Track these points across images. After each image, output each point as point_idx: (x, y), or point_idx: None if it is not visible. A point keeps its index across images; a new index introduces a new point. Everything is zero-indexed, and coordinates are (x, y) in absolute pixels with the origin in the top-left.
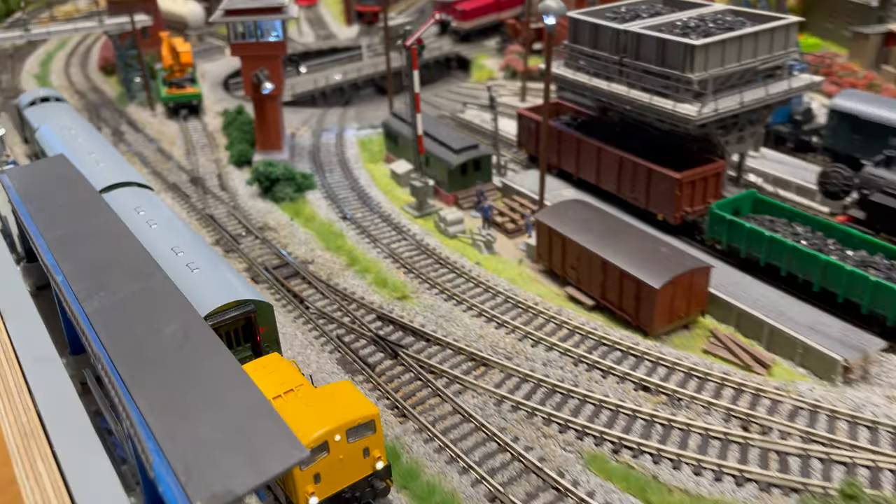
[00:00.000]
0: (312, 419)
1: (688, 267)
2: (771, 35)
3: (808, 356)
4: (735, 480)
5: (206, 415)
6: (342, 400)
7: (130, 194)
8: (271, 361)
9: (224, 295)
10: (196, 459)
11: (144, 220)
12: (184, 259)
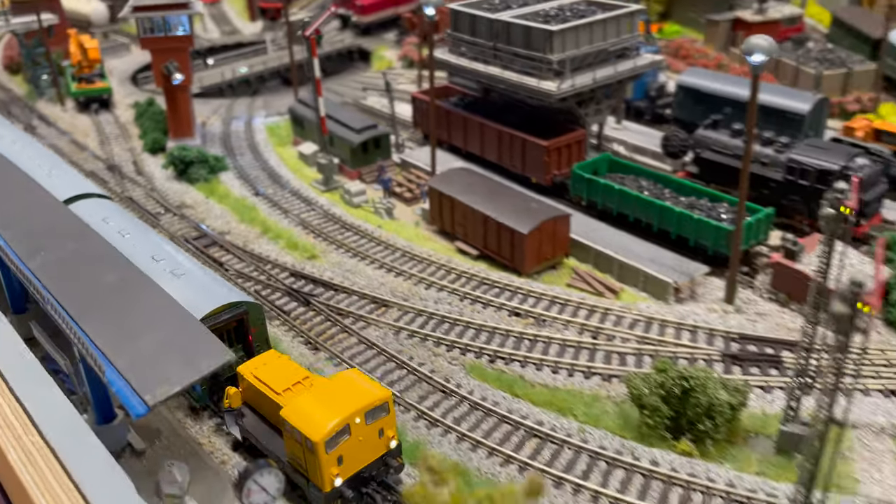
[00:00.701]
0: (333, 405)
1: (550, 215)
2: (617, 21)
3: (648, 282)
4: (584, 374)
5: (146, 335)
6: (355, 386)
7: (94, 205)
8: (270, 358)
9: (216, 299)
10: (141, 366)
11: (116, 231)
12: (166, 266)
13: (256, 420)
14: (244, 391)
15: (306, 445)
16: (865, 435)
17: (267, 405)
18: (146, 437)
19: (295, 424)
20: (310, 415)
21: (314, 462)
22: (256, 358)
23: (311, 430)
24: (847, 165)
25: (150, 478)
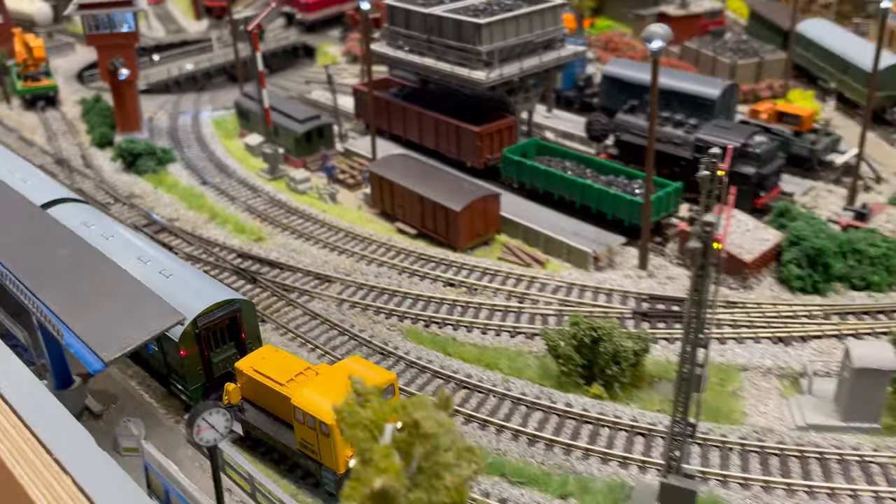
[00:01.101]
0: (343, 390)
1: (481, 194)
2: (542, 15)
3: (571, 253)
4: (509, 334)
5: (100, 302)
6: (361, 371)
7: (73, 210)
8: (268, 353)
9: (209, 297)
10: (96, 328)
11: (99, 234)
12: (154, 267)
13: (258, 413)
14: (244, 387)
15: (320, 430)
16: (755, 376)
17: (270, 397)
18: (103, 401)
19: (308, 410)
20: (322, 400)
21: (328, 445)
22: (253, 353)
23: (326, 414)
24: (747, 143)
25: (108, 436)
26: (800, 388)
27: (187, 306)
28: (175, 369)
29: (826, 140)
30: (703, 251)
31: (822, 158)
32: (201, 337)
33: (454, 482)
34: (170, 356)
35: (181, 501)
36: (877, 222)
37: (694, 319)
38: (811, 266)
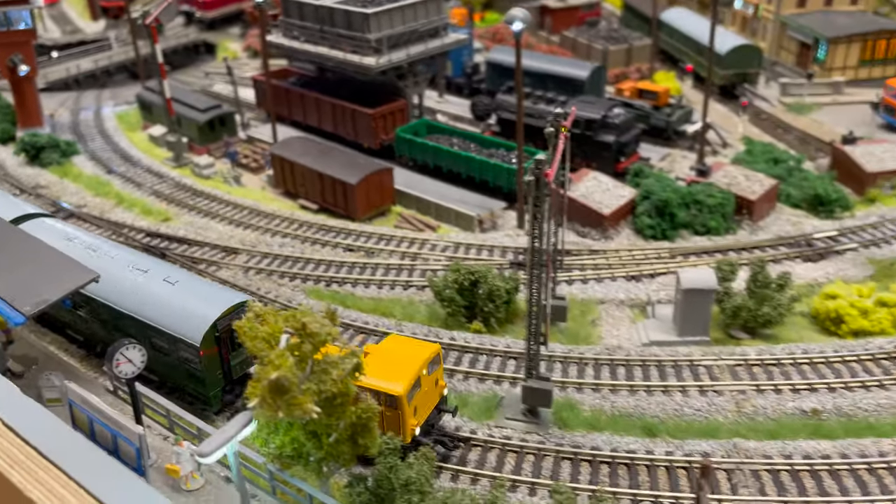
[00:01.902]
0: (399, 364)
1: (375, 168)
2: (426, 5)
3: (459, 218)
4: (402, 287)
5: (20, 268)
6: (407, 344)
7: (48, 224)
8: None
9: (224, 300)
10: (16, 287)
11: (84, 248)
12: (156, 274)
13: None
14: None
15: (387, 404)
16: (610, 307)
17: None
18: (24, 363)
19: (370, 385)
20: (383, 376)
21: (395, 417)
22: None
23: (392, 386)
24: (606, 115)
25: (31, 391)
26: (646, 314)
27: (204, 311)
28: (194, 374)
29: (680, 112)
30: (537, 183)
31: (676, 129)
32: (221, 340)
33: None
34: (188, 361)
35: (104, 428)
36: (715, 178)
37: (536, 243)
38: (660, 216)
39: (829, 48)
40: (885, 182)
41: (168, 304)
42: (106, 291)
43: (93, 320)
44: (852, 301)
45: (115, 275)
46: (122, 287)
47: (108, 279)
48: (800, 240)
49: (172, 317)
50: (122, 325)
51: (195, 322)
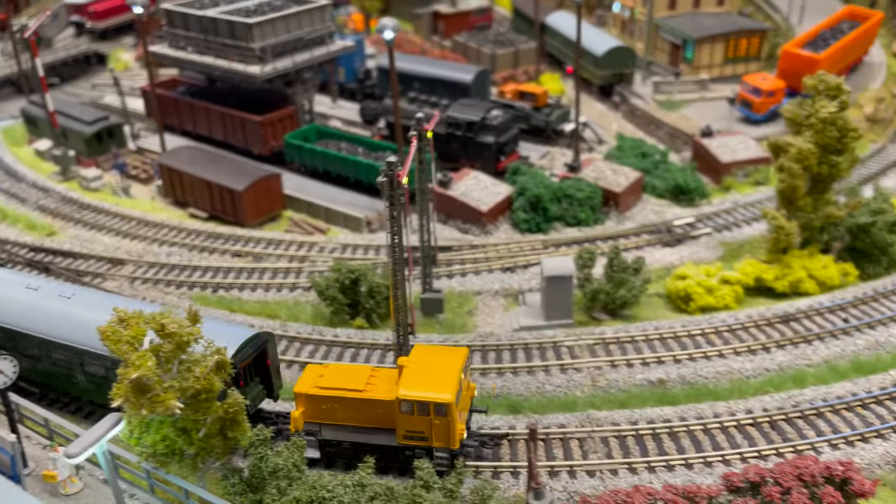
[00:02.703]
0: (438, 372)
1: (262, 175)
2: (310, 14)
3: (348, 220)
4: (289, 290)
5: None
6: (437, 353)
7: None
8: (314, 371)
9: (236, 335)
10: None
11: (56, 295)
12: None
13: (335, 429)
14: (309, 409)
15: (436, 412)
16: (487, 298)
17: (353, 407)
18: None
19: (420, 398)
20: (428, 385)
21: (444, 424)
22: (304, 375)
23: (440, 395)
24: (485, 117)
25: None
26: (518, 302)
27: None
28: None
29: (558, 112)
30: (390, 183)
31: (555, 128)
32: (238, 376)
33: (202, 372)
34: None
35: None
36: (585, 173)
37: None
38: (534, 210)
39: (696, 48)
40: (738, 171)
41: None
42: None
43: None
44: (699, 280)
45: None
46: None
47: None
48: (661, 227)
49: None
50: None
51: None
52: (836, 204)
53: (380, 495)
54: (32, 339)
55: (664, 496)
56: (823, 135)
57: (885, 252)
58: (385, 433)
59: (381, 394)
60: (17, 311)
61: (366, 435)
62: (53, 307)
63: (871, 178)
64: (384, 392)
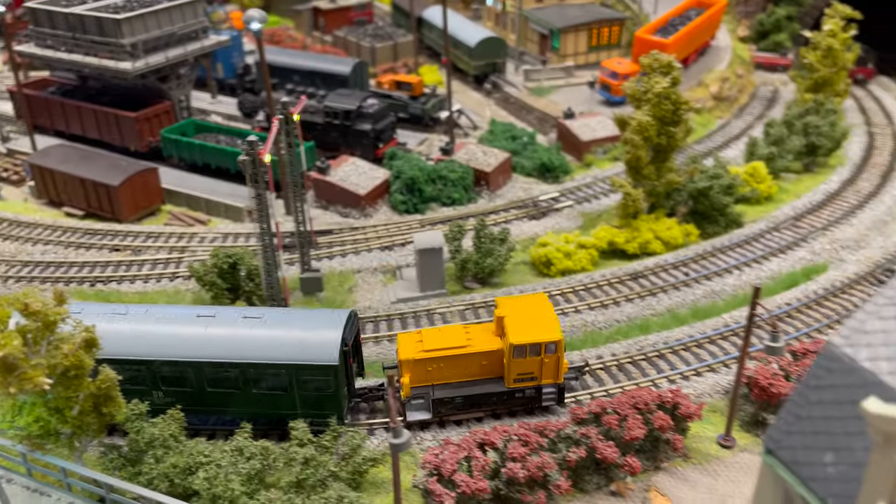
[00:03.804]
0: (535, 318)
1: (137, 170)
2: (182, 9)
3: (228, 211)
4: (169, 279)
5: None
6: (523, 301)
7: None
8: (410, 338)
9: (336, 317)
10: None
11: (154, 318)
12: (230, 317)
13: (446, 388)
14: (415, 374)
15: (546, 351)
16: (366, 275)
17: (459, 363)
18: None
19: (534, 340)
20: (534, 330)
21: (553, 361)
22: (402, 345)
23: (550, 335)
24: (361, 105)
25: None
26: (396, 277)
27: (327, 332)
28: (327, 396)
29: (434, 101)
30: (252, 163)
31: (432, 115)
32: (348, 353)
33: (70, 349)
34: (321, 385)
35: None
36: (458, 156)
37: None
38: (410, 192)
39: (562, 37)
40: (598, 148)
41: (280, 339)
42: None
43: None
44: (559, 247)
45: (208, 333)
46: (221, 341)
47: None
48: (528, 202)
49: (295, 347)
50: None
51: (324, 344)
52: (676, 171)
53: (256, 455)
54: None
55: (517, 432)
56: (659, 108)
57: (723, 213)
58: (492, 382)
59: (484, 346)
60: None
61: (473, 387)
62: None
63: (717, 149)
64: (487, 344)
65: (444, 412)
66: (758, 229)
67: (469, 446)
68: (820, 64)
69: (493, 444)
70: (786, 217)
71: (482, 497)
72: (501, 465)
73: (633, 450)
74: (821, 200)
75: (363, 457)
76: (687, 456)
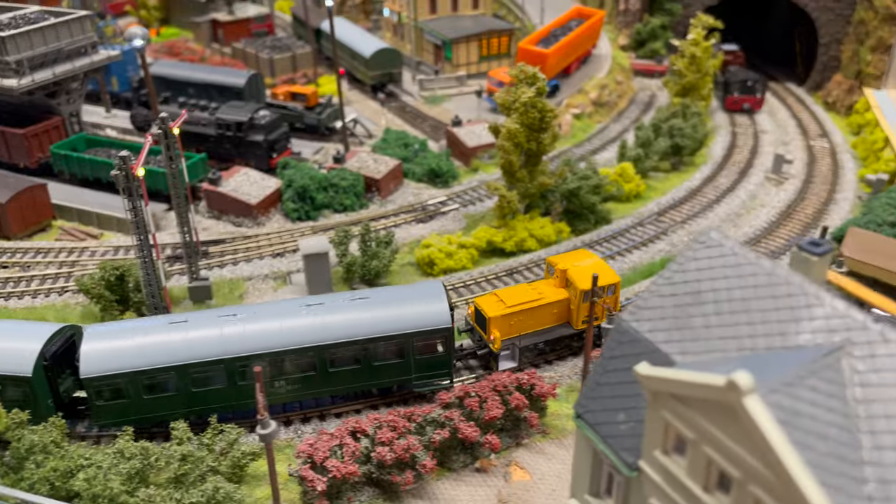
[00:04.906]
0: (594, 266)
1: (24, 186)
2: (69, 25)
3: (121, 224)
4: (58, 294)
5: None
6: (571, 257)
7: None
8: (489, 298)
9: (434, 286)
10: None
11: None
12: (361, 302)
13: (525, 337)
14: (501, 329)
15: (607, 293)
16: (257, 282)
17: (536, 315)
18: None
19: (599, 285)
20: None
21: (613, 301)
22: (486, 306)
23: (610, 279)
24: (252, 117)
25: None
26: (287, 283)
27: (439, 301)
28: (439, 358)
29: (330, 111)
30: (126, 176)
31: (327, 125)
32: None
33: None
34: (441, 349)
35: None
36: (349, 164)
37: (140, 229)
38: (301, 200)
39: (454, 48)
40: (483, 154)
41: (397, 312)
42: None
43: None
44: (441, 247)
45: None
46: (336, 322)
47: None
48: (417, 206)
49: (418, 318)
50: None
51: (438, 311)
52: (547, 174)
53: (136, 455)
54: None
55: (386, 419)
56: (527, 116)
57: (592, 210)
58: (562, 327)
59: (554, 297)
60: None
61: (549, 333)
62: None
63: (595, 152)
64: (555, 295)
65: (527, 359)
66: (624, 224)
67: (341, 434)
68: (687, 70)
69: (363, 431)
70: (650, 213)
71: (354, 480)
72: (371, 450)
73: (493, 429)
74: (683, 196)
75: (241, 451)
76: (546, 432)
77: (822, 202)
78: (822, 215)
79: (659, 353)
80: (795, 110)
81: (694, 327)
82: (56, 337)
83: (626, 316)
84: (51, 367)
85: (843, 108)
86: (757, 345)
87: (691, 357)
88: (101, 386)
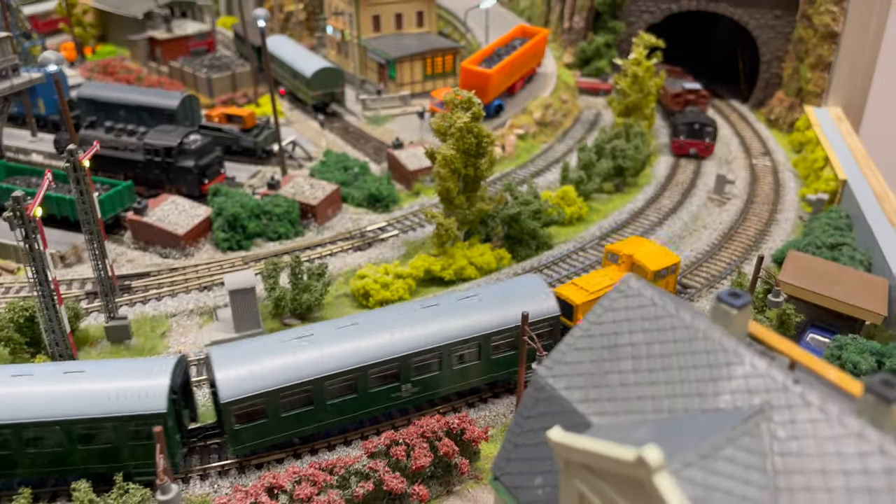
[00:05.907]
0: (654, 250)
1: None
2: None
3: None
4: None
5: None
6: (633, 243)
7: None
8: (571, 287)
9: (530, 279)
10: None
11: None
12: (470, 301)
13: None
14: (582, 308)
15: (671, 272)
16: (182, 318)
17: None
18: None
19: (665, 265)
20: (659, 258)
21: (674, 279)
22: (568, 294)
23: (672, 259)
24: (182, 141)
25: None
26: (213, 318)
27: (539, 295)
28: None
29: (267, 133)
30: (21, 217)
31: (264, 148)
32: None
33: None
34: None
35: None
36: (284, 190)
37: (38, 271)
38: (232, 229)
39: (398, 66)
40: (425, 177)
41: (495, 311)
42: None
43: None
44: (376, 278)
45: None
46: (423, 331)
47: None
48: (355, 233)
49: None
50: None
51: (544, 302)
52: (486, 200)
53: None
54: None
55: (306, 472)
56: (463, 141)
57: (533, 236)
58: None
59: None
60: None
61: None
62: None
63: (539, 173)
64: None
65: None
66: (566, 249)
67: (257, 492)
68: (630, 89)
69: (281, 487)
70: (592, 237)
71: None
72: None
73: (422, 478)
74: (625, 219)
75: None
76: (478, 478)
77: (764, 223)
78: (763, 236)
79: (575, 414)
80: (739, 128)
81: (611, 385)
82: (177, 369)
83: (542, 371)
84: (176, 400)
85: (784, 126)
86: (675, 406)
87: (608, 418)
88: (242, 409)
